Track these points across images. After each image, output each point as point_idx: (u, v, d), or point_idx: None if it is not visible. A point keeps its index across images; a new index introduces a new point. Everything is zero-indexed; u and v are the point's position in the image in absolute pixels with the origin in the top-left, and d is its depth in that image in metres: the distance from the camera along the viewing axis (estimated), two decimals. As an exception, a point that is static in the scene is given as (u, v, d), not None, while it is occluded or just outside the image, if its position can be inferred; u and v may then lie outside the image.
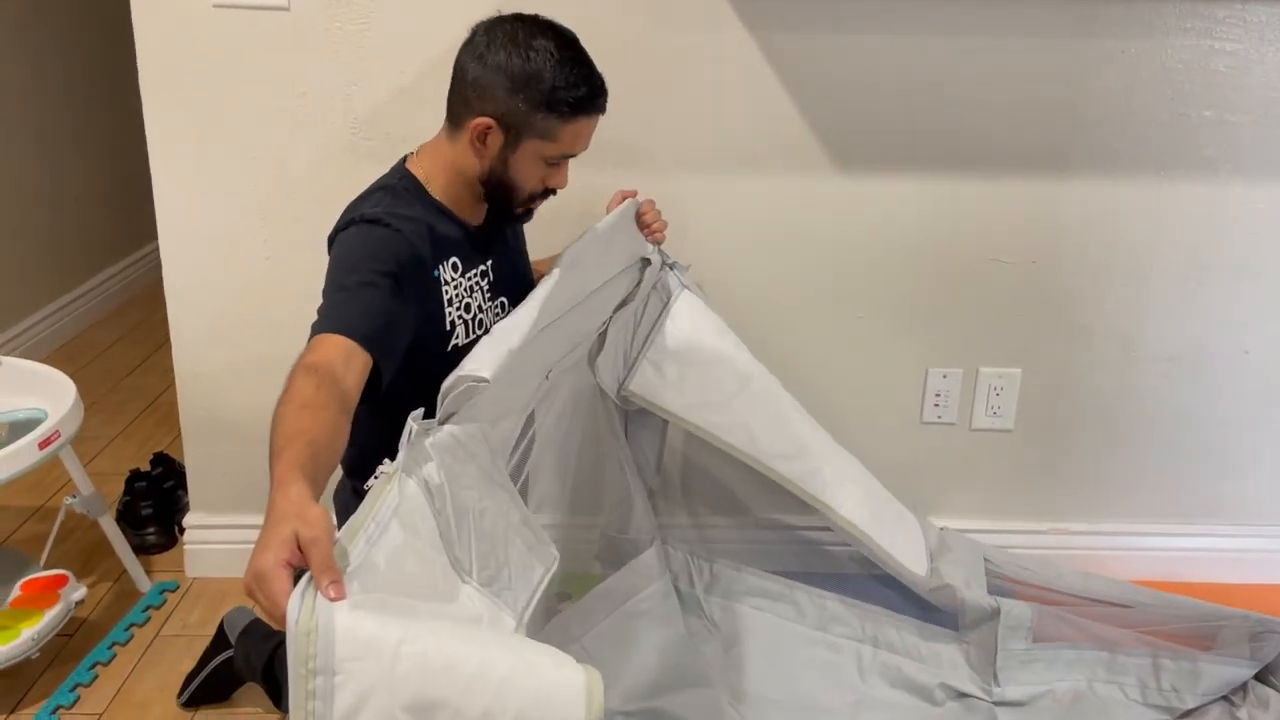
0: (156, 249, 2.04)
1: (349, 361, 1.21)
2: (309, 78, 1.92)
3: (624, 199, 1.74)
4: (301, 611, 0.85)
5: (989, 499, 2.26)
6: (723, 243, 2.04)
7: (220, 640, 1.89)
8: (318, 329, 1.25)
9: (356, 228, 1.37)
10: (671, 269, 1.87)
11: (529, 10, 1.43)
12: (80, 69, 3.46)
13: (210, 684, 1.87)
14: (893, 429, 2.20)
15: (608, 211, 1.72)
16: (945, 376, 2.16)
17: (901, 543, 1.92)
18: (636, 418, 1.93)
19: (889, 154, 2.00)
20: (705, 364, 1.84)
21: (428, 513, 1.09)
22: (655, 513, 2.00)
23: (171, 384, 2.16)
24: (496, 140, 1.39)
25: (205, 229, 2.02)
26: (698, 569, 2.10)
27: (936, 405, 2.18)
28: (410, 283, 1.36)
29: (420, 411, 1.13)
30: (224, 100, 1.94)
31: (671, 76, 1.94)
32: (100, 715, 1.86)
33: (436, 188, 1.46)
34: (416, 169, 1.47)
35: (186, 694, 1.87)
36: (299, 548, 0.88)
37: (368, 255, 1.33)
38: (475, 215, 1.50)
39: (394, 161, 1.95)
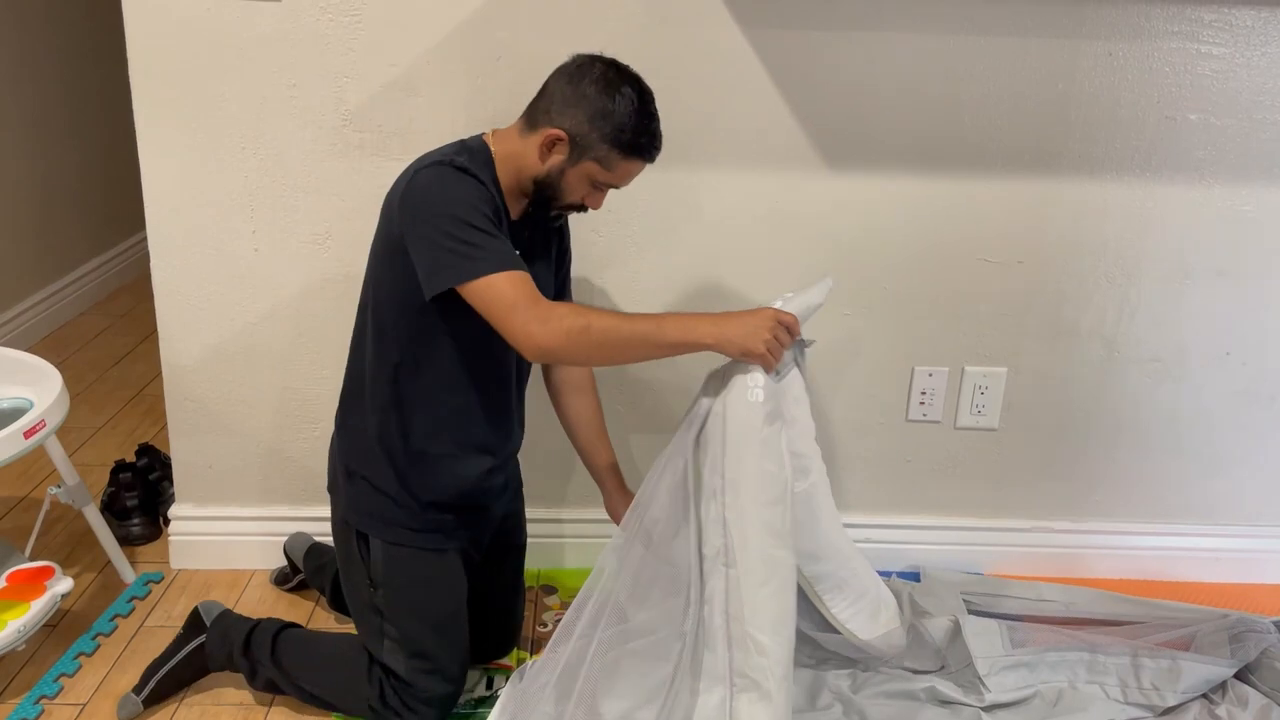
0: (145, 239, 2.04)
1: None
2: (300, 69, 1.92)
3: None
4: None
5: (973, 497, 2.27)
6: (709, 239, 2.05)
7: (193, 626, 1.87)
8: (474, 269, 1.46)
9: (449, 170, 1.51)
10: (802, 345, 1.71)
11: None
12: (70, 57, 3.44)
13: (177, 672, 1.83)
14: (878, 427, 2.21)
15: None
16: (931, 375, 2.17)
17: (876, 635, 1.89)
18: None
19: (877, 152, 2.01)
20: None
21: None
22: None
23: (158, 374, 2.16)
24: (562, 152, 1.56)
25: (193, 220, 2.02)
26: None
27: (922, 403, 2.19)
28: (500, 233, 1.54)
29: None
30: (213, 91, 1.94)
31: (662, 72, 1.94)
32: (84, 705, 1.85)
33: (499, 170, 1.60)
34: (492, 146, 1.61)
35: (147, 689, 1.82)
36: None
37: (474, 201, 1.50)
38: (515, 207, 1.64)
39: (384, 153, 1.97)
